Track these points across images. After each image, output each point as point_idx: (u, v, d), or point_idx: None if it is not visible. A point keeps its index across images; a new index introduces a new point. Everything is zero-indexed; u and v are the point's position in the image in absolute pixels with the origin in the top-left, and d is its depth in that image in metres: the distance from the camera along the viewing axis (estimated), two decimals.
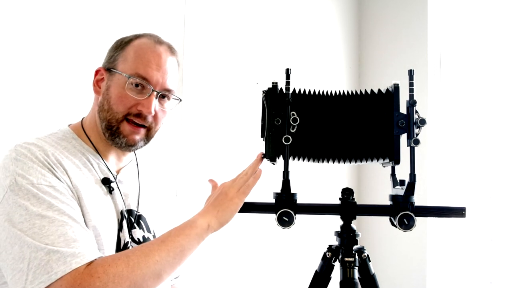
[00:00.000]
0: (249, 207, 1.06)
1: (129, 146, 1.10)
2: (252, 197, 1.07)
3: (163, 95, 1.11)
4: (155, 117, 1.11)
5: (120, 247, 1.06)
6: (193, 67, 1.95)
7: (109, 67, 1.12)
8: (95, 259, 0.90)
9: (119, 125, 1.08)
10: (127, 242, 1.08)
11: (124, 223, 1.09)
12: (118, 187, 1.12)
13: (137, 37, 1.13)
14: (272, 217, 0.98)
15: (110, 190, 1.09)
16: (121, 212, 1.09)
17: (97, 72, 1.14)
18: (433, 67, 2.48)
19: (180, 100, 1.17)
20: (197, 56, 1.97)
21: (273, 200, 1.00)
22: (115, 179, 1.12)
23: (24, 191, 0.93)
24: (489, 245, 2.32)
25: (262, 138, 1.01)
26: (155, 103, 1.08)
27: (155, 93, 1.08)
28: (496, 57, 2.35)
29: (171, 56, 1.13)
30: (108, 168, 1.12)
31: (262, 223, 2.06)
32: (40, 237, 0.89)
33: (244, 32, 2.17)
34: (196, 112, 1.96)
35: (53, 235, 0.90)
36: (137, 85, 1.07)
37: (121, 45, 1.13)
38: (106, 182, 1.09)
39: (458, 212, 0.99)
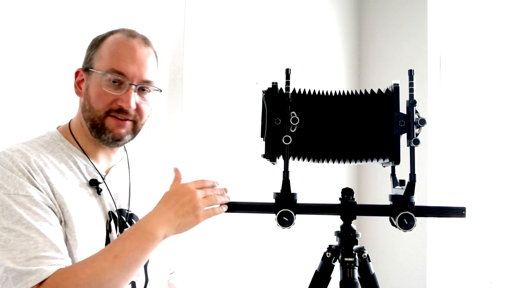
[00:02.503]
0: (249, 207, 1.06)
1: (116, 140, 1.10)
2: (252, 197, 1.07)
3: (142, 88, 1.11)
4: (138, 110, 1.10)
5: None
6: (193, 67, 1.95)
7: (86, 67, 1.12)
8: (45, 279, 0.88)
9: (103, 122, 1.08)
10: None
11: (113, 224, 1.09)
12: (107, 187, 1.11)
13: (110, 33, 1.13)
14: (272, 217, 0.98)
15: (98, 191, 1.09)
16: (110, 213, 1.09)
17: (76, 73, 1.15)
18: (433, 67, 2.48)
19: (161, 90, 1.16)
20: (197, 56, 1.97)
21: (273, 200, 1.00)
22: (103, 180, 1.12)
23: None
24: (489, 245, 2.32)
25: (262, 138, 1.01)
26: (134, 96, 1.08)
27: (133, 86, 1.08)
28: (496, 57, 2.35)
29: (145, 47, 1.12)
30: (96, 169, 1.12)
31: (262, 223, 2.06)
32: (3, 251, 0.90)
33: (244, 32, 2.17)
34: (195, 112, 1.96)
35: (16, 250, 0.90)
36: (114, 81, 1.07)
37: (96, 43, 1.13)
38: (93, 183, 1.08)
39: (458, 212, 0.99)
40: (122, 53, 1.08)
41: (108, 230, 1.08)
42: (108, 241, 1.06)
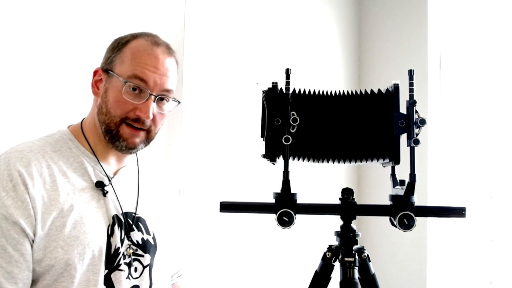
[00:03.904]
0: (249, 207, 1.06)
1: (129, 149, 1.10)
2: (252, 197, 1.07)
3: (162, 98, 1.10)
4: (153, 120, 1.10)
5: (111, 252, 1.05)
6: (193, 67, 1.95)
7: (106, 68, 1.10)
8: None
9: (118, 128, 1.07)
10: (118, 247, 1.07)
11: (116, 227, 1.07)
12: (113, 190, 1.10)
13: (134, 37, 1.12)
14: (272, 217, 0.98)
15: (104, 194, 1.08)
16: (113, 217, 1.08)
17: (95, 72, 1.14)
18: (433, 67, 2.48)
19: (179, 102, 1.15)
20: (197, 56, 1.97)
21: (273, 200, 0.99)
22: (110, 182, 1.10)
23: None
24: (489, 245, 2.32)
25: (262, 138, 1.01)
26: (153, 106, 1.07)
27: (152, 96, 1.07)
28: (496, 57, 2.35)
29: (169, 57, 1.11)
30: (104, 171, 1.11)
31: (262, 223, 2.06)
32: None
33: (244, 32, 2.17)
34: (196, 113, 1.96)
35: None
36: (134, 88, 1.06)
37: (118, 46, 1.11)
38: (99, 185, 1.08)
39: (458, 212, 0.99)
40: (145, 61, 1.07)
41: (110, 234, 1.06)
42: (109, 245, 1.05)
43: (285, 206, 0.97)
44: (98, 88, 1.12)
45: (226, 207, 1.03)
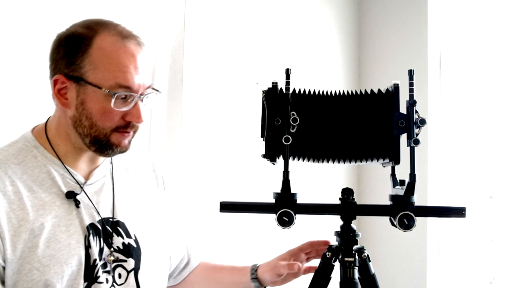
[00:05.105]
0: (249, 207, 1.06)
1: (122, 152, 1.05)
2: (252, 197, 1.07)
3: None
4: None
5: (90, 264, 1.00)
6: (193, 67, 1.95)
7: (74, 76, 0.97)
8: None
9: (109, 138, 1.01)
10: (95, 259, 1.00)
11: (92, 238, 1.01)
12: (87, 196, 1.04)
13: (93, 32, 0.98)
14: (272, 217, 0.98)
15: (77, 204, 1.01)
16: (88, 227, 1.01)
17: (55, 81, 0.99)
18: (433, 67, 2.48)
19: (159, 91, 1.07)
20: (197, 56, 1.97)
21: (273, 200, 0.99)
22: (82, 189, 1.04)
23: None
24: (489, 245, 2.32)
25: (262, 138, 1.01)
26: (142, 108, 1.01)
27: (141, 97, 1.01)
28: (496, 57, 2.35)
29: (141, 48, 1.02)
30: (74, 178, 1.04)
31: (262, 223, 2.05)
32: None
33: (244, 32, 2.17)
34: (195, 112, 1.96)
35: None
36: (122, 96, 0.99)
37: (79, 46, 0.97)
38: (70, 196, 1.01)
39: (458, 212, 0.99)
40: (124, 63, 0.97)
41: (88, 246, 1.00)
42: (88, 257, 0.99)
43: (285, 206, 0.97)
44: (66, 99, 1.00)
45: (226, 207, 1.03)
